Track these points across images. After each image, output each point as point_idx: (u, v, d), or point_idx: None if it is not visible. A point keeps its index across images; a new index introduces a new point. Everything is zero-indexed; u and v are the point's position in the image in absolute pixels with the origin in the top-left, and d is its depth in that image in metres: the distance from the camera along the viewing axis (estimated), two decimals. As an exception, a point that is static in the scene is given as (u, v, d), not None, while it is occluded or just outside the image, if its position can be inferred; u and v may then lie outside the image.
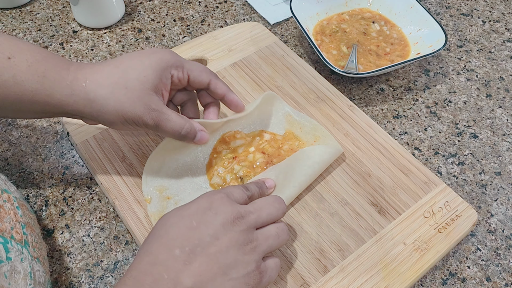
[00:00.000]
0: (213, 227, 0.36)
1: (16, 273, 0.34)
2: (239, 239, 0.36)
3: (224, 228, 0.36)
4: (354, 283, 0.43)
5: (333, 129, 0.54)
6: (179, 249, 0.35)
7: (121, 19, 0.71)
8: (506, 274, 0.47)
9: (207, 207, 0.37)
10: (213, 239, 0.35)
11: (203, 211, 0.37)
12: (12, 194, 0.41)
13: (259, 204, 0.40)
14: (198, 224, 0.36)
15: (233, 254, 0.36)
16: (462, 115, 0.60)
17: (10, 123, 0.57)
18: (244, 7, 0.74)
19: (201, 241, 0.35)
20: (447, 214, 0.47)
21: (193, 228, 0.36)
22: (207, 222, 0.36)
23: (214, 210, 0.37)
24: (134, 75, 0.41)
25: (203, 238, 0.35)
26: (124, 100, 0.40)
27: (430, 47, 0.61)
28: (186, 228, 0.36)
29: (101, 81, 0.40)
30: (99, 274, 0.45)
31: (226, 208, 0.37)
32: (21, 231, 0.38)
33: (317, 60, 0.66)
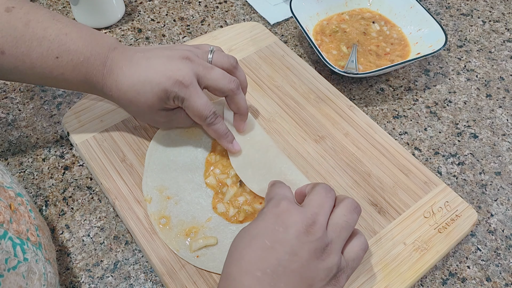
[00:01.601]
0: (288, 244, 0.35)
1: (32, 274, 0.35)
2: (317, 247, 0.35)
3: (299, 240, 0.35)
4: (354, 283, 0.43)
5: (333, 129, 0.54)
6: (260, 272, 0.34)
7: (121, 19, 0.71)
8: (506, 274, 0.47)
9: (275, 222, 0.36)
10: (292, 256, 0.34)
11: (272, 228, 0.36)
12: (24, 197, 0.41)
13: (317, 200, 0.38)
14: (272, 244, 0.35)
15: (315, 264, 0.35)
16: (462, 115, 0.60)
17: (10, 123, 0.57)
18: (244, 7, 0.74)
19: (280, 260, 0.34)
20: (447, 214, 0.47)
21: (268, 249, 0.35)
22: (281, 240, 0.35)
23: (283, 225, 0.35)
24: (143, 100, 0.45)
25: (281, 257, 0.34)
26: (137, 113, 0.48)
27: (430, 47, 0.61)
28: (260, 250, 0.35)
29: (120, 94, 0.45)
30: (99, 274, 0.45)
31: (294, 218, 0.36)
32: (35, 233, 0.38)
33: (317, 60, 0.66)
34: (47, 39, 0.43)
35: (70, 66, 0.44)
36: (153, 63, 0.44)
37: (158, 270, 0.43)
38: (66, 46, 0.44)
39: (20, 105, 0.59)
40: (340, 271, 0.36)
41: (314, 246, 0.35)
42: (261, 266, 0.34)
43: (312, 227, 0.35)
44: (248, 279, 0.34)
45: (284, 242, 0.35)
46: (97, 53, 0.45)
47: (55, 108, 0.59)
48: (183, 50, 0.46)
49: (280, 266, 0.34)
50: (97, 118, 0.55)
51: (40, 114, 0.58)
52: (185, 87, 0.44)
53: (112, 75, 0.45)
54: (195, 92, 0.44)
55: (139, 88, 0.44)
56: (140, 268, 0.46)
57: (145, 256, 0.46)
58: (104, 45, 0.45)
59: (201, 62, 0.46)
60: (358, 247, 0.38)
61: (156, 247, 0.45)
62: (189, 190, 0.48)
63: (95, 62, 0.45)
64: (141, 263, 0.46)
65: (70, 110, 0.55)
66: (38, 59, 0.44)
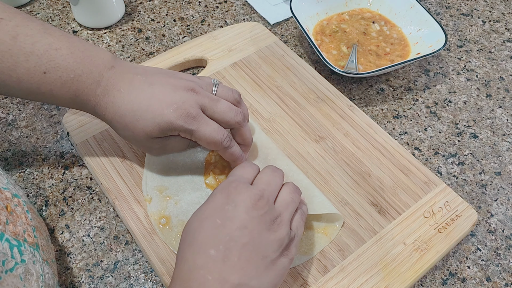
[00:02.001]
0: (238, 219, 0.36)
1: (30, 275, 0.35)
2: (267, 220, 0.37)
3: (249, 215, 0.36)
4: (354, 283, 0.43)
5: (333, 129, 0.54)
6: (213, 249, 0.35)
7: (121, 19, 0.71)
8: (506, 274, 0.47)
9: (224, 202, 0.37)
10: (242, 230, 0.35)
11: (221, 207, 0.37)
12: (21, 198, 0.41)
13: (265, 178, 0.40)
14: (222, 221, 0.36)
15: (266, 236, 0.36)
16: (462, 115, 0.60)
17: (10, 123, 0.57)
18: (244, 7, 0.74)
19: (231, 235, 0.35)
20: (447, 214, 0.47)
21: (219, 227, 0.36)
22: (230, 217, 0.36)
23: (232, 203, 0.37)
24: (141, 126, 0.42)
25: (232, 232, 0.35)
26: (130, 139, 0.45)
27: (430, 47, 0.61)
28: (212, 228, 0.36)
29: (115, 117, 0.43)
30: (99, 274, 0.45)
31: (243, 195, 0.37)
32: (32, 234, 0.38)
33: (317, 60, 0.66)
34: (35, 54, 0.41)
35: (59, 83, 0.42)
36: (156, 91, 0.42)
37: (158, 270, 0.43)
38: (55, 62, 0.42)
39: (20, 105, 0.59)
40: (290, 241, 0.38)
41: (263, 219, 0.37)
42: (213, 244, 0.35)
43: (260, 201, 0.37)
44: (200, 258, 0.35)
45: (234, 218, 0.36)
46: (90, 71, 0.43)
47: (55, 108, 0.59)
48: (187, 80, 0.44)
49: (231, 241, 0.35)
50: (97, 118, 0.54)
51: (40, 114, 0.58)
52: (192, 119, 0.42)
53: (108, 96, 0.43)
54: (204, 122, 0.43)
55: (139, 115, 0.42)
56: (140, 268, 0.46)
57: (145, 256, 0.46)
58: (98, 63, 0.43)
59: (207, 94, 0.44)
60: (299, 216, 0.41)
61: (156, 247, 0.45)
62: (189, 190, 0.48)
63: (87, 80, 0.43)
64: (141, 263, 0.46)
65: (70, 110, 0.56)
66: (25, 74, 0.42)
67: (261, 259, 0.35)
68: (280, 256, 0.37)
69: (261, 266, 0.35)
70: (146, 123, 0.42)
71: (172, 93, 0.42)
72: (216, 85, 0.46)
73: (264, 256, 0.36)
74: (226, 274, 0.34)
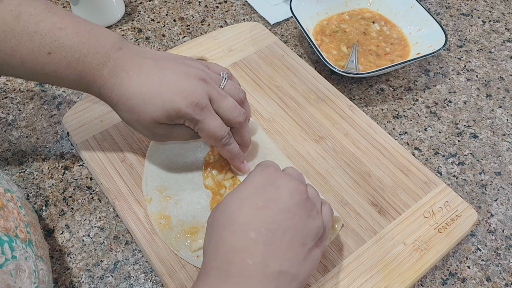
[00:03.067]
0: (281, 201, 0.35)
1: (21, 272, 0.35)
2: (308, 206, 0.36)
3: (293, 198, 0.35)
4: (354, 283, 0.43)
5: (333, 129, 0.54)
6: (254, 232, 0.34)
7: (121, 19, 0.71)
8: (506, 274, 0.47)
9: (266, 183, 0.36)
10: (286, 213, 0.35)
11: (263, 188, 0.36)
12: (15, 193, 0.41)
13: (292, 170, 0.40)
14: (265, 203, 0.35)
15: (307, 222, 0.36)
16: (462, 115, 0.60)
17: (10, 123, 0.57)
18: (244, 7, 0.74)
19: (274, 218, 0.34)
20: (447, 214, 0.47)
21: (261, 208, 0.35)
22: (274, 198, 0.35)
23: (274, 184, 0.36)
24: (148, 110, 0.41)
25: (275, 214, 0.34)
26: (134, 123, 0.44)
27: (430, 47, 0.61)
28: (253, 210, 0.35)
29: (121, 99, 0.42)
30: (99, 274, 0.45)
31: (285, 179, 0.37)
32: (25, 230, 0.38)
33: (317, 60, 0.66)
34: (39, 34, 0.40)
35: (64, 64, 0.41)
36: (168, 76, 0.42)
37: (158, 270, 0.43)
38: (59, 42, 0.40)
39: (20, 105, 0.59)
40: (323, 232, 0.38)
41: (305, 205, 0.36)
42: (255, 226, 0.34)
43: (301, 186, 0.37)
44: (241, 240, 0.34)
45: (277, 200, 0.35)
46: (96, 51, 0.41)
47: (55, 108, 0.59)
48: (198, 69, 0.44)
49: (274, 223, 0.34)
50: (97, 118, 0.55)
51: (40, 114, 0.58)
52: (201, 109, 0.42)
53: (115, 77, 0.42)
54: (210, 115, 0.42)
55: (148, 99, 0.41)
56: (140, 268, 0.46)
57: (145, 256, 0.46)
58: (105, 44, 0.42)
59: (216, 87, 0.43)
60: (327, 210, 0.40)
61: (156, 247, 0.45)
62: (189, 190, 0.48)
63: (93, 61, 0.41)
64: (141, 263, 0.46)
65: (70, 110, 0.56)
66: (29, 55, 0.40)
67: (300, 246, 0.34)
68: (315, 247, 0.36)
69: (300, 253, 0.34)
70: (154, 108, 0.41)
71: (184, 80, 0.42)
72: (225, 79, 0.45)
73: (303, 244, 0.35)
74: (267, 259, 0.33)
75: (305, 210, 0.36)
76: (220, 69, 0.47)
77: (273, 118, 0.56)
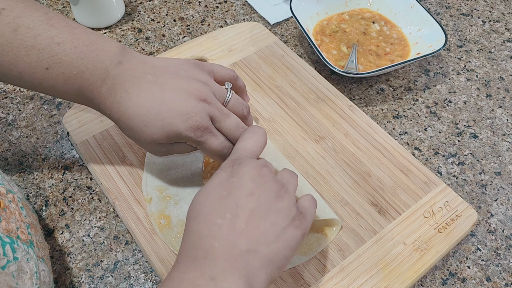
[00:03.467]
0: (244, 187, 0.36)
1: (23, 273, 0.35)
2: (273, 187, 0.36)
3: (255, 182, 0.36)
4: (354, 283, 0.43)
5: (333, 129, 0.54)
6: (219, 218, 0.34)
7: (121, 19, 0.71)
8: (506, 274, 0.47)
9: (229, 175, 0.37)
10: (249, 197, 0.35)
11: (226, 179, 0.37)
12: (16, 194, 0.41)
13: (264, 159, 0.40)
14: (228, 192, 0.35)
15: (273, 203, 0.36)
16: (462, 115, 0.60)
17: (10, 123, 0.57)
18: (244, 7, 0.74)
19: (238, 203, 0.35)
20: (447, 214, 0.47)
21: (225, 197, 0.35)
22: (236, 186, 0.36)
23: (237, 175, 0.37)
24: (148, 132, 0.41)
25: (238, 200, 0.35)
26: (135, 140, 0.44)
27: (430, 47, 0.61)
28: (217, 199, 0.35)
29: (121, 118, 0.42)
30: (99, 274, 0.45)
31: (247, 167, 0.37)
32: (26, 231, 0.38)
33: (317, 60, 0.66)
34: (36, 49, 0.40)
35: (62, 79, 0.41)
36: (167, 96, 0.41)
37: (158, 270, 0.43)
38: (57, 58, 0.40)
39: (20, 105, 0.59)
40: (300, 214, 0.37)
41: (270, 186, 0.36)
42: (220, 213, 0.34)
43: (264, 169, 0.37)
44: (206, 227, 0.34)
45: (240, 187, 0.36)
46: (95, 67, 0.41)
47: (55, 108, 0.59)
48: (200, 83, 0.43)
49: (238, 207, 0.35)
50: (97, 118, 0.55)
51: (40, 114, 0.58)
52: (202, 131, 0.41)
53: (114, 96, 0.41)
54: (211, 135, 0.42)
55: (148, 121, 0.41)
56: (140, 268, 0.46)
57: (145, 256, 0.46)
58: (104, 59, 0.41)
59: (218, 106, 0.43)
60: (307, 198, 0.40)
61: (156, 247, 0.45)
62: (189, 190, 0.48)
63: (91, 77, 0.41)
64: (141, 263, 0.46)
65: (70, 110, 0.56)
66: (26, 69, 0.40)
67: (270, 226, 0.35)
68: (290, 226, 0.36)
69: (270, 233, 0.34)
70: (154, 130, 0.41)
71: (184, 101, 0.41)
72: (229, 94, 0.45)
73: (273, 223, 0.35)
74: (233, 240, 0.33)
75: (270, 191, 0.36)
76: (225, 73, 0.47)
77: (273, 118, 0.56)
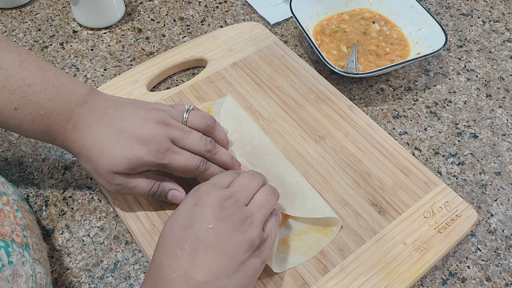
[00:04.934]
0: (205, 220, 0.36)
1: (18, 277, 0.34)
2: (234, 220, 0.36)
3: (215, 216, 0.36)
4: (354, 283, 0.43)
5: (333, 129, 0.54)
6: (179, 250, 0.35)
7: (121, 19, 0.71)
8: (506, 274, 0.47)
9: (193, 203, 0.37)
10: (208, 230, 0.35)
11: (190, 208, 0.37)
12: (10, 196, 0.41)
13: (240, 181, 0.40)
14: (189, 222, 0.36)
15: (234, 236, 0.36)
16: (462, 115, 0.60)
17: (10, 123, 0.57)
18: (244, 7, 0.74)
19: (197, 236, 0.35)
20: (447, 214, 0.47)
21: (186, 227, 0.36)
22: (197, 217, 0.36)
23: (200, 204, 0.37)
24: (106, 160, 0.42)
25: (198, 233, 0.35)
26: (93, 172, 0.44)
27: (430, 47, 0.61)
28: (179, 230, 0.36)
29: (82, 150, 0.43)
30: (99, 274, 0.45)
31: (211, 197, 0.37)
32: (21, 234, 0.38)
33: (317, 60, 0.66)
34: (7, 89, 0.41)
35: (29, 119, 0.42)
36: (126, 125, 0.42)
37: (158, 270, 0.43)
38: (27, 99, 0.42)
39: (20, 105, 0.59)
40: (263, 242, 0.38)
41: (231, 219, 0.36)
42: (179, 244, 0.35)
43: (227, 202, 0.37)
44: (167, 258, 0.35)
45: (201, 218, 0.36)
46: (62, 107, 0.43)
47: (55, 108, 0.59)
48: (158, 110, 0.44)
49: (197, 241, 0.35)
50: (97, 118, 0.55)
51: (40, 114, 0.58)
52: (163, 153, 0.42)
53: (77, 131, 0.43)
54: (174, 154, 0.43)
55: (106, 149, 0.42)
56: (140, 268, 0.46)
57: (145, 256, 0.46)
58: (71, 99, 0.43)
59: (178, 126, 0.44)
60: (271, 223, 0.40)
61: (156, 247, 0.45)
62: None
63: (58, 117, 0.43)
64: (141, 263, 0.46)
65: (70, 110, 0.55)
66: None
67: (229, 260, 0.35)
68: (251, 257, 0.37)
69: (229, 266, 0.35)
70: (112, 157, 0.42)
71: (142, 127, 0.42)
72: (187, 111, 0.46)
73: (232, 257, 0.35)
74: (191, 272, 0.34)
75: (231, 225, 0.36)
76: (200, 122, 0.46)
77: (273, 118, 0.56)
